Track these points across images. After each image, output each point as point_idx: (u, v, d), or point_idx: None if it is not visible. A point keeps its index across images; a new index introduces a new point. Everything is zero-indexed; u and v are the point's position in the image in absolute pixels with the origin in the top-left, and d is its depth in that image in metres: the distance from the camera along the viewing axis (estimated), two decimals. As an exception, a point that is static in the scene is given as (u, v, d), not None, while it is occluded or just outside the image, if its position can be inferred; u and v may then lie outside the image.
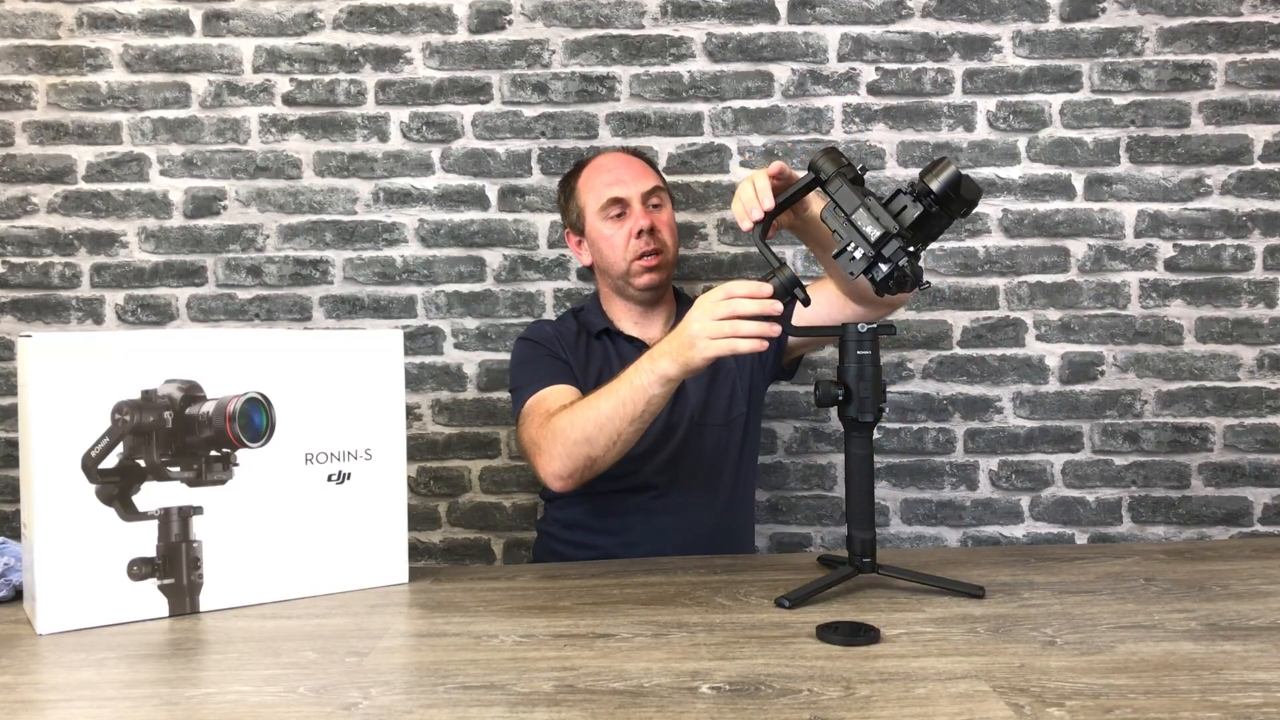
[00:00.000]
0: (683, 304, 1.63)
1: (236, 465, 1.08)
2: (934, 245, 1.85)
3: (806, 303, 1.17)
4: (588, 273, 1.72)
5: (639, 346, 1.54)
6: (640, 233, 1.50)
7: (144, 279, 1.85)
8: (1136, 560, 1.25)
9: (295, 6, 1.84)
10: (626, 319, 1.59)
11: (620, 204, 1.53)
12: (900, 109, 1.86)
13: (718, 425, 1.52)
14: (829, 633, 0.94)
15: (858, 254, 1.09)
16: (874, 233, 1.07)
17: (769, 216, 1.18)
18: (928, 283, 1.11)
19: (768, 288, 1.11)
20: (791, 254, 1.86)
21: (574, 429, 1.28)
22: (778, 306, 1.11)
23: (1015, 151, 1.86)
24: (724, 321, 1.11)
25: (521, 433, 1.42)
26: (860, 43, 1.85)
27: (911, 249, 1.07)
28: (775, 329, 1.11)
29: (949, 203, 1.06)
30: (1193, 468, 1.86)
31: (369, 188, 1.86)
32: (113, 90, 1.84)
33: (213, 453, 1.07)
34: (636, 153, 1.64)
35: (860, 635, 0.93)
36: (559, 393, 1.41)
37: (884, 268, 1.08)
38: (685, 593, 1.12)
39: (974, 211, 1.85)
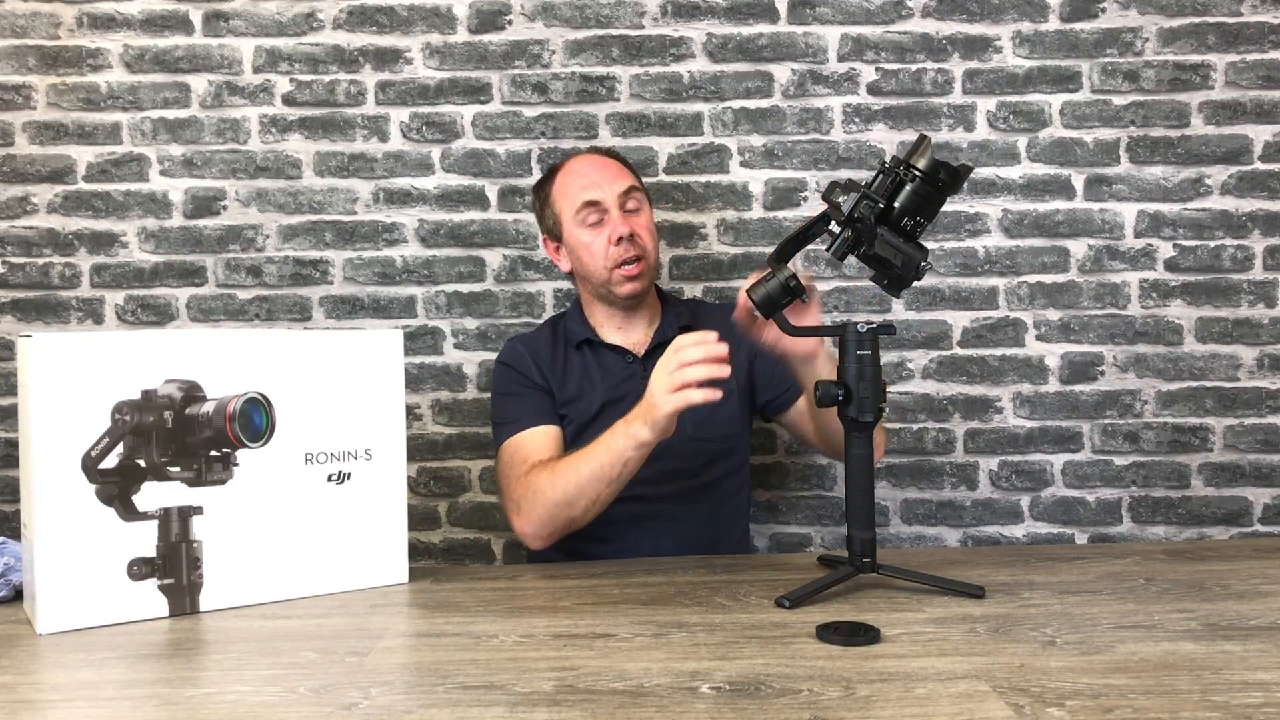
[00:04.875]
0: (667, 306, 1.60)
1: (236, 465, 1.08)
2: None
3: (802, 299, 1.17)
4: (569, 277, 1.71)
5: (621, 354, 1.53)
6: (619, 239, 1.47)
7: (144, 279, 1.85)
8: (1136, 560, 1.25)
9: (295, 6, 1.84)
10: (609, 325, 1.56)
11: (596, 208, 1.49)
12: (900, 109, 1.86)
13: (714, 441, 1.50)
14: (829, 633, 0.94)
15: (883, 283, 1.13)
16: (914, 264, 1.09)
17: (790, 251, 1.20)
18: (929, 264, 1.11)
19: (713, 334, 1.17)
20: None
21: (554, 491, 1.32)
22: (722, 349, 1.16)
23: (1015, 151, 1.86)
24: (675, 374, 1.17)
25: (499, 480, 1.46)
26: (860, 43, 1.85)
27: (927, 262, 1.09)
28: (724, 370, 1.16)
29: (944, 186, 1.07)
30: (1193, 468, 1.86)
31: (369, 188, 1.86)
32: (113, 90, 1.84)
33: (213, 453, 1.07)
34: (611, 152, 1.59)
35: (860, 635, 0.93)
36: (537, 439, 1.44)
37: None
38: (685, 593, 1.12)
39: (974, 211, 1.86)
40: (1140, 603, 1.05)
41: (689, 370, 1.16)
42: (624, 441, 1.25)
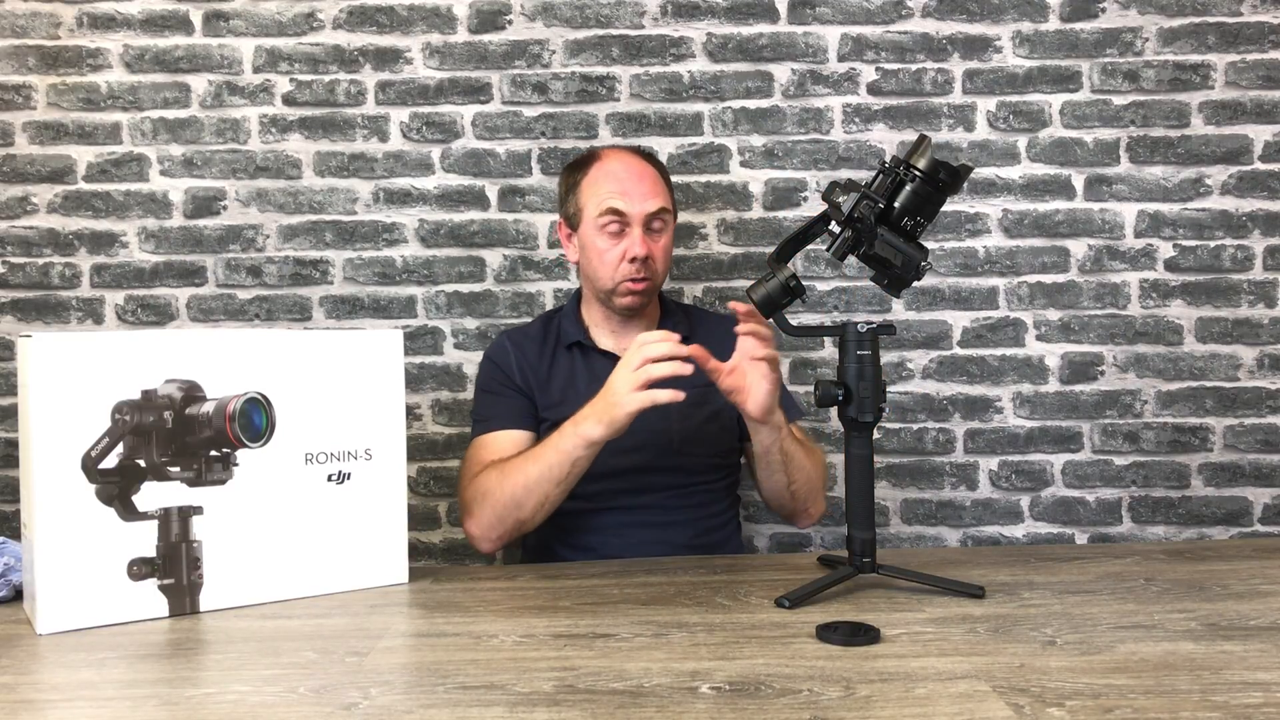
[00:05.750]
0: (665, 314, 1.57)
1: (236, 465, 1.08)
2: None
3: (802, 299, 1.17)
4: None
5: (611, 360, 1.50)
6: (634, 259, 1.45)
7: (144, 279, 1.85)
8: (1136, 560, 1.25)
9: (295, 6, 1.84)
10: (604, 327, 1.54)
11: (620, 218, 1.46)
12: (900, 109, 1.86)
13: (702, 457, 1.49)
14: (829, 633, 0.94)
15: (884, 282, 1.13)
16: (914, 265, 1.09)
17: (790, 251, 1.19)
18: (929, 264, 1.11)
19: (675, 335, 1.20)
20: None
21: (502, 493, 1.32)
22: (681, 350, 1.17)
23: (1015, 151, 1.86)
24: (638, 372, 1.17)
25: (459, 477, 1.46)
26: (860, 43, 1.85)
27: (927, 262, 1.09)
28: (686, 368, 1.16)
29: (944, 186, 1.07)
30: (1193, 468, 1.86)
31: (369, 188, 1.86)
32: (113, 90, 1.84)
33: (213, 453, 1.07)
34: (651, 158, 1.54)
35: (860, 635, 0.93)
36: (503, 441, 1.44)
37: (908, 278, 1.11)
38: (685, 593, 1.12)
39: (974, 211, 1.86)
40: (1140, 603, 1.05)
41: (653, 368, 1.16)
42: (573, 441, 1.25)
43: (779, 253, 1.18)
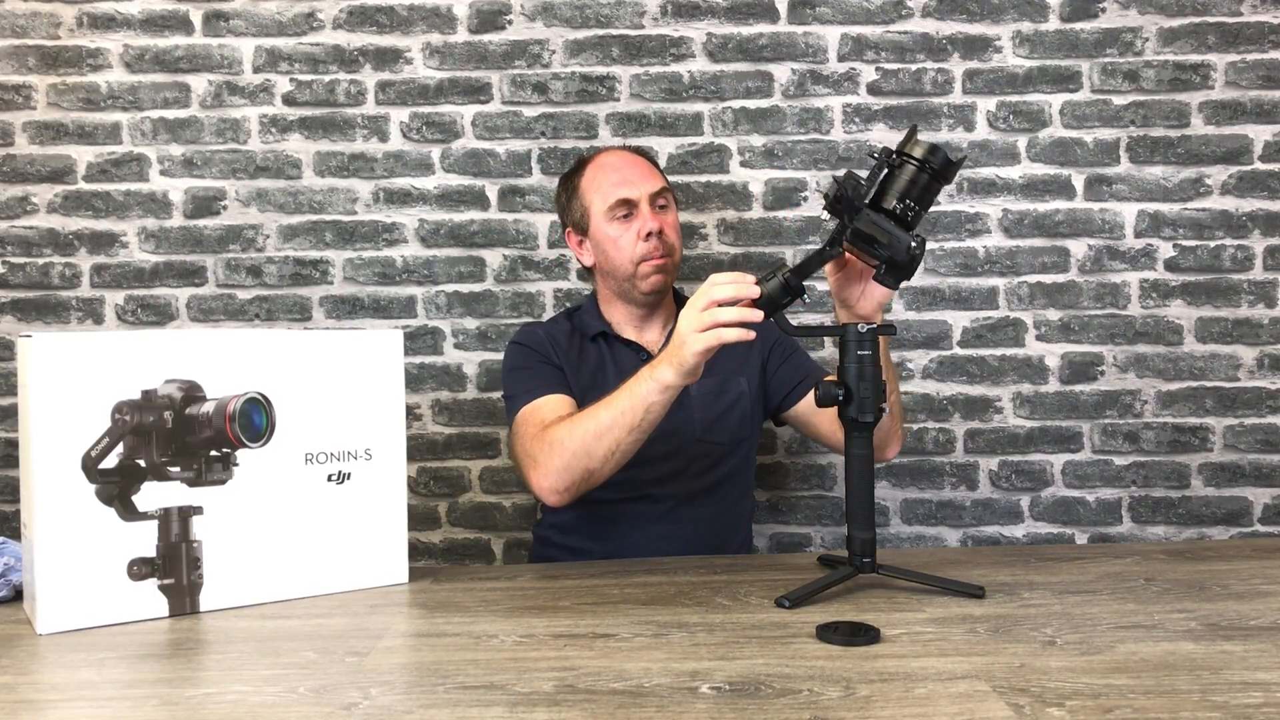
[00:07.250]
0: (681, 305, 1.60)
1: (236, 465, 1.08)
2: (934, 245, 1.85)
3: (803, 299, 1.16)
4: (587, 273, 1.71)
5: (636, 350, 1.53)
6: (648, 235, 1.47)
7: (144, 279, 1.85)
8: (1136, 560, 1.25)
9: (295, 6, 1.84)
10: (626, 323, 1.56)
11: (628, 205, 1.49)
12: (900, 109, 1.86)
13: (723, 444, 1.51)
14: (829, 633, 0.94)
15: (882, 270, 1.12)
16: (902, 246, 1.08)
17: (811, 267, 1.16)
18: (919, 246, 1.11)
19: (749, 276, 1.13)
20: (791, 254, 1.86)
21: (572, 440, 1.27)
22: (754, 291, 1.11)
23: (1015, 151, 1.86)
24: (705, 313, 1.13)
25: (515, 444, 1.42)
26: (860, 43, 1.85)
27: (917, 243, 1.08)
28: (756, 314, 1.11)
29: (931, 169, 1.07)
30: (1193, 468, 1.86)
31: (369, 188, 1.86)
32: (113, 90, 1.84)
33: (213, 453, 1.07)
34: (640, 151, 1.60)
35: (860, 635, 0.93)
36: (553, 403, 1.40)
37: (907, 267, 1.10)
38: (685, 593, 1.12)
39: (974, 211, 1.86)
40: (1140, 603, 1.05)
41: (720, 311, 1.12)
42: (648, 385, 1.21)
43: (798, 268, 1.15)
